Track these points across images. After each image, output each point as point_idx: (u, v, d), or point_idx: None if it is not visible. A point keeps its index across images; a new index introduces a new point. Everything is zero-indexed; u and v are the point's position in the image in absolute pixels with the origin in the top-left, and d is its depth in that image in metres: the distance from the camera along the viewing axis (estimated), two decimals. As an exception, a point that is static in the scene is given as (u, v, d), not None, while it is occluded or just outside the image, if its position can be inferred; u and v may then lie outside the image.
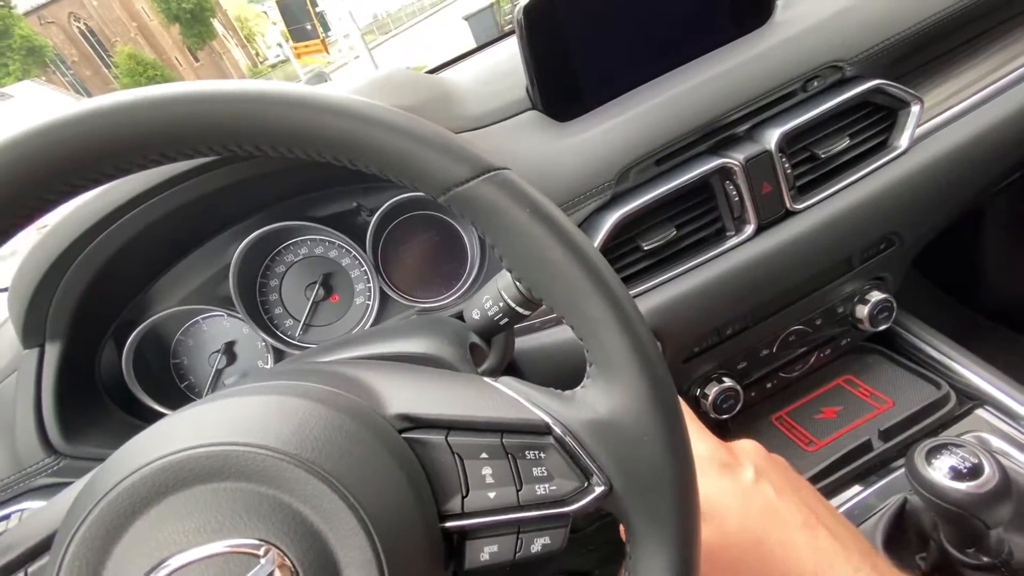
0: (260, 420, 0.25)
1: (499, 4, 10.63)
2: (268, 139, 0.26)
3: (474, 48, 0.98)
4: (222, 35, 46.78)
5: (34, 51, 31.46)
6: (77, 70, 36.17)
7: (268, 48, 55.40)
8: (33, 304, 0.45)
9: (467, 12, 9.21)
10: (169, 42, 40.16)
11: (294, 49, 8.30)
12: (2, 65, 30.03)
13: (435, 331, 0.44)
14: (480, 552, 0.28)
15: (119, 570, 0.23)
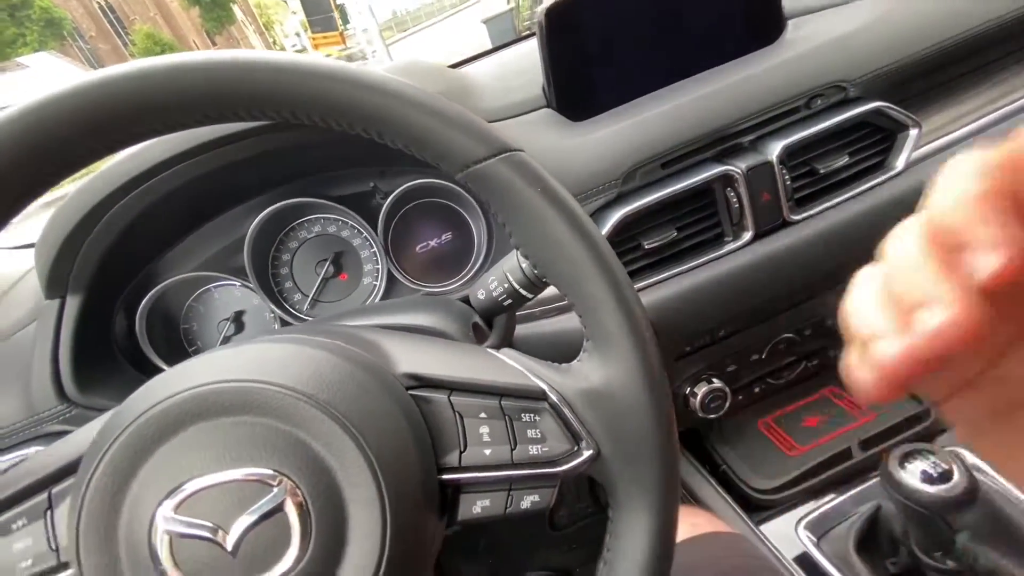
0: (281, 363, 0.27)
1: (519, 9, 10.69)
2: (307, 108, 0.28)
3: (491, 49, 1.00)
4: (241, 21, 46.99)
5: (52, 23, 31.59)
6: (94, 44, 36.27)
7: (285, 37, 55.64)
8: (60, 257, 0.47)
9: (486, 15, 9.27)
10: (188, 24, 40.32)
11: (312, 39, 8.36)
12: (20, 35, 30.14)
13: (440, 308, 0.47)
14: (473, 505, 0.30)
15: (143, 490, 0.25)
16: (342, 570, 0.25)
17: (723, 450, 0.67)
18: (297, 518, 0.24)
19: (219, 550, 0.24)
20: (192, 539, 0.24)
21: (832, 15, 0.60)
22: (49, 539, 0.28)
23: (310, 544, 0.24)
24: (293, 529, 0.24)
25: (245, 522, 0.24)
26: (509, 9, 11.33)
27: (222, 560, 0.24)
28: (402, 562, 0.26)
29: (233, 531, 0.24)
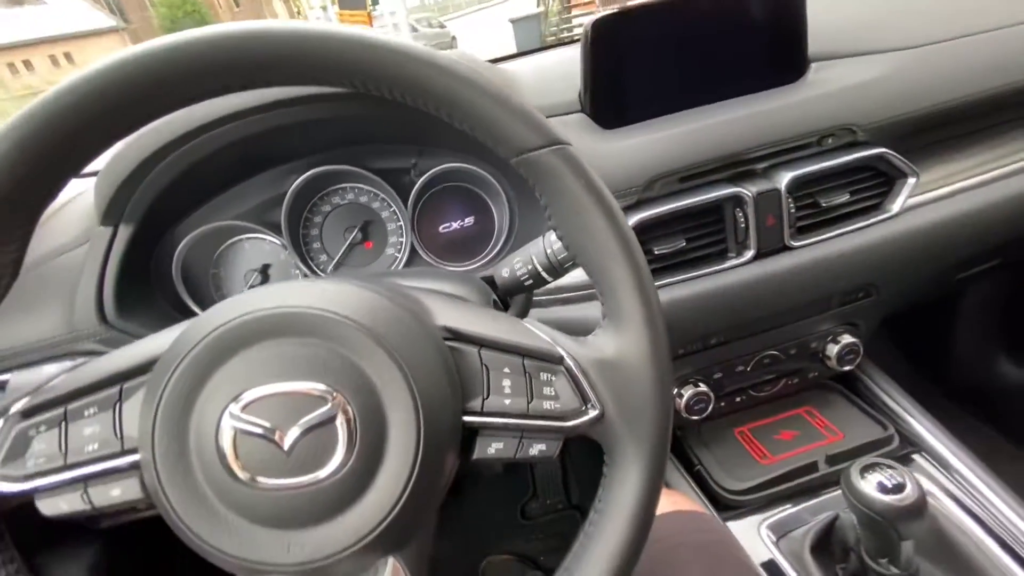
0: (343, 297, 0.31)
1: (546, 15, 10.71)
2: (385, 84, 0.32)
3: (523, 51, 1.05)
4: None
5: (76, -37, 31.13)
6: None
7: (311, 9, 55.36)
8: (120, 189, 0.50)
9: (514, 15, 9.30)
10: (213, -17, 39.95)
11: (339, 15, 8.36)
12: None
13: (463, 280, 0.51)
14: (488, 446, 0.34)
15: (214, 392, 0.29)
16: (377, 479, 0.29)
17: (700, 451, 0.72)
18: (345, 431, 0.28)
19: (276, 449, 0.28)
20: (253, 436, 0.28)
21: (854, 62, 0.65)
22: (115, 428, 0.31)
23: (353, 454, 0.28)
24: (340, 439, 0.28)
25: (301, 428, 0.28)
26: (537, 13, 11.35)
27: (277, 457, 0.28)
28: (427, 482, 0.30)
29: (290, 434, 0.28)
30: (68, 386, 0.32)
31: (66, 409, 0.31)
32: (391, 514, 0.29)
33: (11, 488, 0.30)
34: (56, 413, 0.31)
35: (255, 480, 0.28)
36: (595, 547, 0.34)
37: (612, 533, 0.33)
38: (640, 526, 0.33)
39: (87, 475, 0.31)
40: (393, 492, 0.29)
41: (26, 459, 0.31)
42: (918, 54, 0.64)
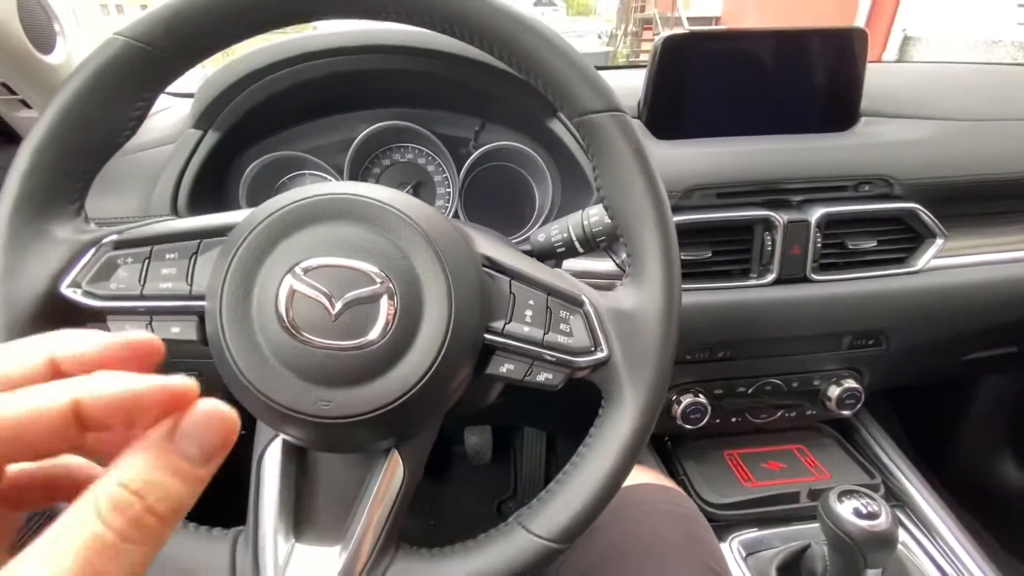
0: (409, 202, 0.35)
1: (615, 56, 10.94)
2: (478, 34, 0.37)
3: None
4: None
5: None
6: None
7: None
8: (219, 97, 0.57)
9: (584, 51, 9.54)
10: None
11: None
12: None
13: (497, 237, 0.55)
14: (501, 365, 0.37)
15: (281, 256, 0.33)
16: (401, 362, 0.32)
17: (687, 463, 0.74)
18: (387, 309, 0.32)
19: (325, 312, 0.32)
20: (308, 298, 0.32)
21: (901, 122, 0.68)
22: (188, 275, 0.36)
23: (390, 330, 0.32)
24: (382, 315, 0.32)
25: (350, 298, 0.32)
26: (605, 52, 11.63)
27: (325, 320, 0.32)
28: (441, 380, 0.33)
29: (340, 302, 0.32)
30: (157, 231, 0.36)
31: (152, 249, 0.36)
32: (406, 395, 0.32)
33: (92, 303, 0.35)
34: (143, 250, 0.36)
35: (301, 335, 0.32)
36: (578, 475, 0.37)
37: (595, 467, 0.36)
38: (621, 465, 0.36)
39: (154, 308, 0.35)
40: (412, 377, 0.32)
41: (109, 282, 0.35)
42: (964, 126, 0.68)
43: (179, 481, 0.15)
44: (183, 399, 0.16)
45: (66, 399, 0.15)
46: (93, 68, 0.34)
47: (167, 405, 0.16)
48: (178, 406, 0.16)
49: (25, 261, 0.34)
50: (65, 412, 0.15)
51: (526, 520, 0.36)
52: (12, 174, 0.34)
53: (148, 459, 0.15)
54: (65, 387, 0.15)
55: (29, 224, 0.34)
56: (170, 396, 0.16)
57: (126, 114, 0.36)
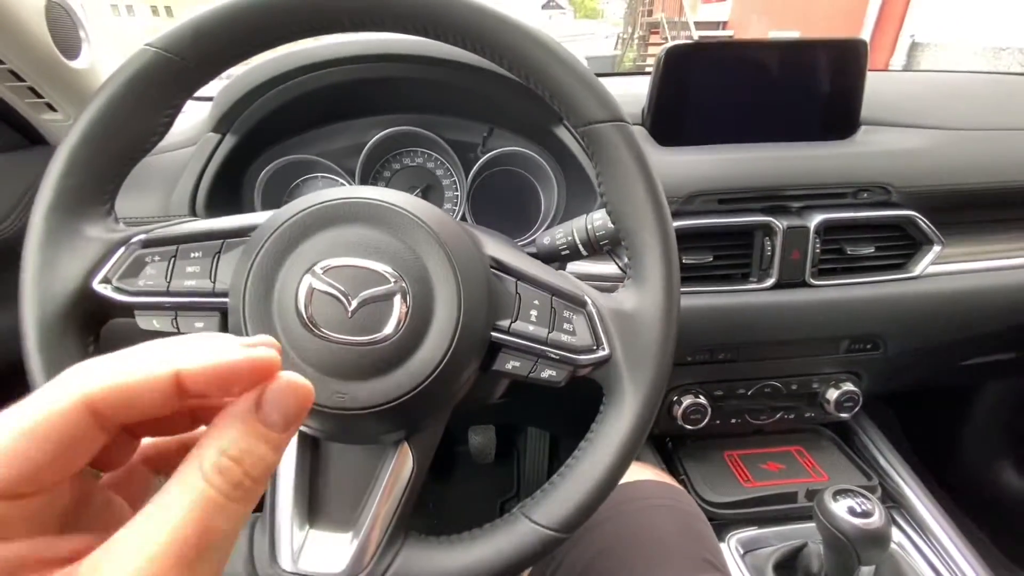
0: (424, 207, 0.37)
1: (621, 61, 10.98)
2: (488, 47, 0.38)
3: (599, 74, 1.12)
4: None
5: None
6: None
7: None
8: (238, 103, 0.59)
9: (591, 54, 9.58)
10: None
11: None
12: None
13: (503, 239, 0.57)
14: (507, 362, 0.39)
15: (301, 256, 0.35)
16: (412, 358, 0.34)
17: (687, 463, 0.75)
18: (400, 307, 0.34)
19: (342, 309, 0.34)
20: (326, 296, 0.34)
21: (901, 131, 0.70)
22: (212, 272, 0.38)
23: (403, 327, 0.34)
24: (395, 313, 0.34)
25: (365, 296, 0.34)
26: (613, 56, 11.66)
27: (341, 316, 0.34)
28: (449, 376, 0.35)
29: (355, 300, 0.34)
30: (183, 231, 0.38)
31: (178, 248, 0.38)
32: (417, 389, 0.34)
33: (122, 298, 0.37)
34: (170, 248, 0.38)
35: (319, 330, 0.34)
36: (579, 468, 0.38)
37: (596, 460, 0.38)
38: (621, 458, 0.38)
39: (179, 304, 0.37)
40: (422, 373, 0.34)
41: (138, 279, 0.37)
42: (962, 135, 0.69)
43: (267, 446, 0.17)
44: (269, 370, 0.18)
45: (169, 370, 0.17)
46: (125, 77, 0.37)
47: (255, 375, 0.18)
48: (264, 376, 0.18)
49: (59, 258, 0.36)
50: (169, 381, 0.17)
51: (529, 510, 0.38)
52: (48, 176, 0.36)
53: (241, 428, 0.17)
54: (168, 358, 0.17)
55: (63, 223, 0.36)
56: (258, 367, 0.18)
57: (155, 120, 0.38)
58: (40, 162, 0.37)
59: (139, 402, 0.17)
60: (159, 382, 0.17)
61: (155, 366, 0.17)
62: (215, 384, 0.17)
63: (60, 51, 0.59)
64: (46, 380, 0.35)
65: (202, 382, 0.17)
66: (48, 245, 0.36)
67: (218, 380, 0.17)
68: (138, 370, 0.17)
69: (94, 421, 0.16)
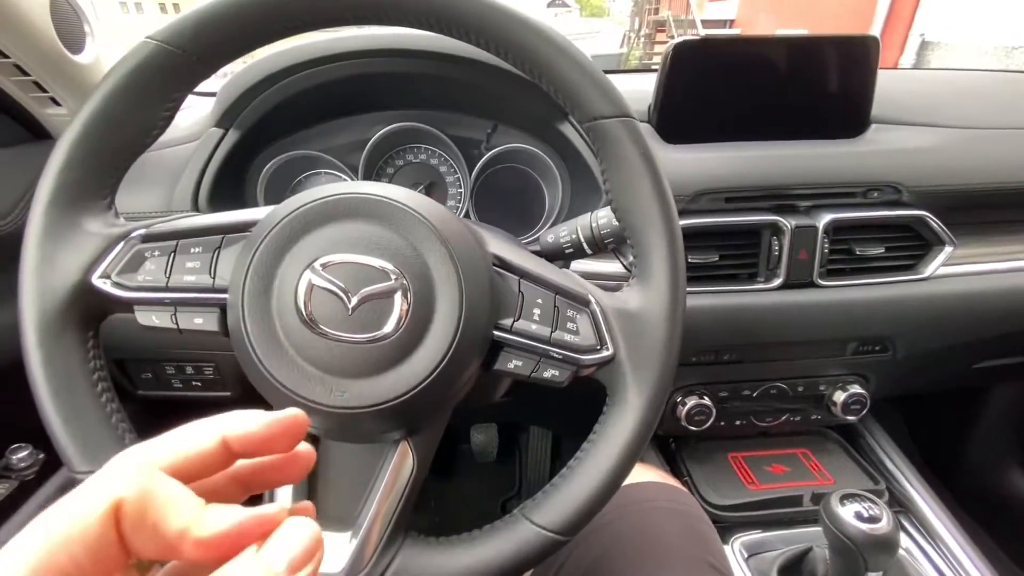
0: (426, 203, 0.36)
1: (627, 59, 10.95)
2: (494, 41, 0.38)
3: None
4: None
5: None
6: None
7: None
8: (241, 97, 0.58)
9: (597, 52, 9.56)
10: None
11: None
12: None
13: (507, 237, 0.56)
14: (509, 361, 0.38)
15: (300, 252, 0.34)
16: (413, 356, 0.33)
17: (691, 465, 0.74)
18: (401, 305, 0.33)
19: (341, 306, 0.33)
20: (326, 292, 0.33)
21: (911, 130, 0.68)
22: (211, 268, 0.37)
23: (403, 325, 0.33)
24: (396, 311, 0.33)
25: (365, 293, 0.33)
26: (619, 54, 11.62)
27: (341, 314, 0.33)
28: (451, 375, 0.34)
29: (356, 297, 0.33)
30: (182, 226, 0.38)
31: (178, 243, 0.37)
32: (417, 387, 0.34)
33: (121, 293, 0.36)
34: (169, 244, 0.37)
35: (319, 327, 0.33)
36: (581, 469, 0.38)
37: (598, 462, 0.37)
38: (624, 460, 0.37)
39: (179, 299, 0.37)
40: (423, 371, 0.34)
41: (137, 274, 0.37)
42: (974, 134, 0.68)
43: None
44: (299, 429, 0.21)
45: (217, 437, 0.20)
46: (126, 69, 0.36)
47: (290, 437, 0.21)
48: (296, 436, 0.22)
49: (59, 252, 0.36)
50: (217, 445, 0.20)
51: (530, 512, 0.37)
52: (48, 170, 0.36)
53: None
54: (215, 427, 0.20)
55: (63, 217, 0.36)
56: (289, 429, 0.21)
57: (156, 114, 0.38)
58: (44, 157, 0.37)
59: (198, 468, 0.20)
60: (211, 450, 0.20)
61: (205, 438, 0.20)
62: (256, 445, 0.21)
63: (64, 45, 0.59)
64: (45, 375, 0.35)
65: (245, 444, 0.20)
66: (48, 240, 0.36)
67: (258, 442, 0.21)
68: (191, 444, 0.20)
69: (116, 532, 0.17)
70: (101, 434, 0.35)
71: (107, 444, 0.35)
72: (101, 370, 0.37)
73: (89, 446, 0.35)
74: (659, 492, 0.54)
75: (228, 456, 0.20)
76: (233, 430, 0.20)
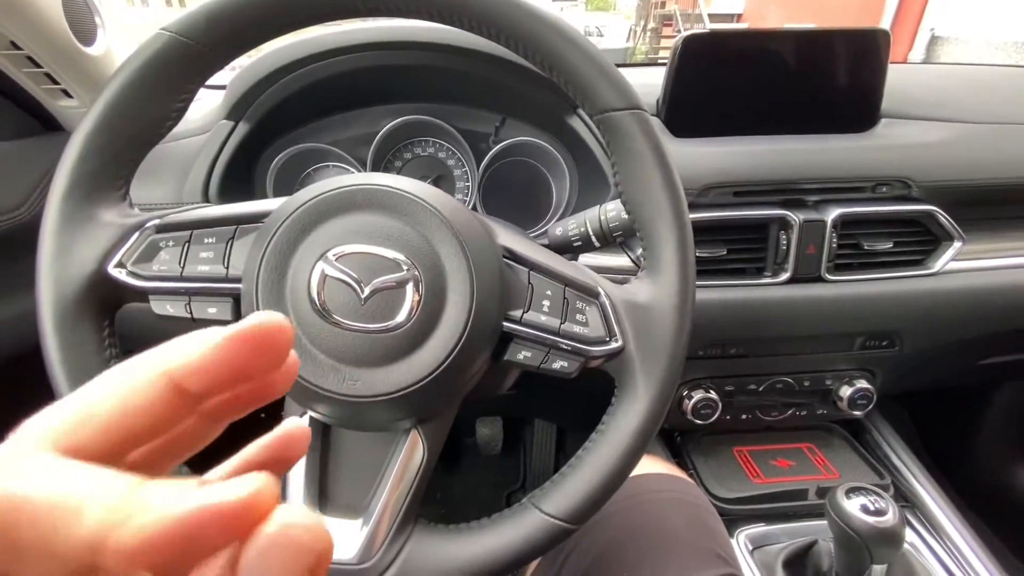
0: (437, 195, 0.37)
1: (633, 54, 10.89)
2: (503, 33, 0.38)
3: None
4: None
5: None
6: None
7: None
8: (251, 89, 0.59)
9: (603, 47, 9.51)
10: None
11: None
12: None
13: (516, 230, 0.56)
14: (518, 352, 0.38)
15: (313, 242, 0.34)
16: (424, 346, 0.34)
17: (696, 458, 0.75)
18: (412, 295, 0.34)
19: (354, 296, 0.34)
20: (339, 282, 0.34)
21: (922, 124, 0.68)
22: (225, 258, 0.38)
23: (415, 316, 0.34)
24: (407, 301, 0.34)
25: (377, 284, 0.34)
26: (626, 48, 11.55)
27: (354, 303, 0.34)
28: (461, 365, 0.34)
29: (368, 288, 0.34)
30: (196, 216, 0.38)
31: (192, 233, 0.38)
32: (428, 377, 0.34)
33: (136, 283, 0.37)
34: (183, 234, 0.38)
35: (332, 317, 0.34)
36: (590, 459, 0.38)
37: (607, 452, 0.38)
38: (632, 451, 0.37)
39: (193, 289, 0.37)
40: (434, 361, 0.34)
41: (152, 264, 0.37)
42: (985, 129, 0.67)
43: None
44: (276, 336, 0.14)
45: (157, 376, 0.14)
46: (141, 61, 0.36)
47: (265, 350, 0.14)
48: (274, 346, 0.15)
49: (75, 243, 0.36)
50: (163, 390, 0.14)
51: (539, 500, 0.37)
52: (64, 161, 0.37)
53: None
54: (151, 364, 0.14)
55: (79, 208, 0.37)
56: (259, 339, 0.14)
57: (170, 105, 0.38)
58: (56, 149, 0.37)
59: (136, 422, 0.14)
60: (149, 394, 0.14)
61: (138, 376, 0.14)
62: (217, 379, 0.14)
63: (76, 37, 0.59)
64: (62, 362, 0.35)
65: (201, 381, 0.14)
66: (64, 230, 0.36)
67: (219, 373, 0.14)
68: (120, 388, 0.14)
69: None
70: None
71: None
72: (117, 358, 0.38)
73: None
74: (666, 483, 0.54)
75: (184, 400, 0.14)
76: (178, 360, 0.14)
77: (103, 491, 0.12)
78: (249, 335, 0.14)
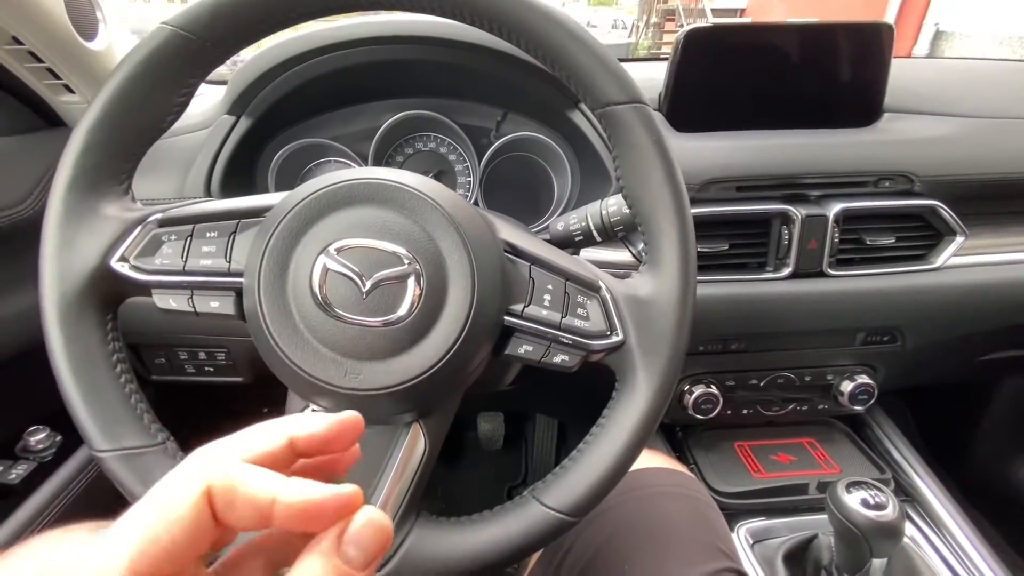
0: (438, 189, 0.37)
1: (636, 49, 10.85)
2: (506, 28, 0.38)
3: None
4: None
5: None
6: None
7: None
8: (253, 84, 0.59)
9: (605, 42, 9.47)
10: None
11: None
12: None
13: (517, 225, 0.56)
14: (519, 346, 0.38)
15: (315, 237, 0.35)
16: (426, 340, 0.34)
17: (697, 453, 0.75)
18: (414, 289, 0.34)
19: (356, 290, 0.34)
20: (340, 276, 0.34)
21: (925, 119, 0.68)
22: (227, 251, 0.38)
23: (416, 309, 0.34)
24: (409, 295, 0.34)
25: (379, 277, 0.34)
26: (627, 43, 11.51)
27: (355, 297, 0.34)
28: (462, 359, 0.34)
29: (370, 281, 0.34)
30: (198, 211, 0.39)
31: (194, 227, 0.38)
32: (430, 370, 0.34)
33: (139, 276, 0.37)
34: (186, 228, 0.38)
35: (333, 310, 0.34)
36: (590, 453, 0.38)
37: (607, 446, 0.38)
38: (633, 444, 0.38)
39: (195, 283, 0.37)
40: (435, 355, 0.34)
41: (155, 258, 0.37)
42: (988, 124, 0.67)
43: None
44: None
45: (285, 436, 0.22)
46: (143, 55, 0.36)
47: (348, 437, 0.23)
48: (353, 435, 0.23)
49: (78, 236, 0.36)
50: (284, 445, 0.21)
51: (540, 493, 0.38)
52: (66, 155, 0.37)
53: (323, 565, 0.19)
54: (283, 428, 0.22)
55: (82, 202, 0.37)
56: (348, 429, 0.23)
57: (172, 99, 0.38)
58: (58, 144, 0.37)
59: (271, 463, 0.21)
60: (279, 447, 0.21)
61: (273, 437, 0.22)
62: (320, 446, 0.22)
63: (78, 33, 0.59)
64: (66, 355, 0.35)
65: (309, 444, 0.22)
66: (67, 224, 0.36)
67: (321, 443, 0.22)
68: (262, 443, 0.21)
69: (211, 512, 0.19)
70: (121, 413, 0.36)
71: (127, 423, 0.36)
72: (120, 352, 0.38)
73: (109, 425, 0.35)
74: (666, 477, 0.54)
75: (292, 455, 0.22)
76: (299, 431, 0.22)
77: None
78: (345, 425, 0.23)
